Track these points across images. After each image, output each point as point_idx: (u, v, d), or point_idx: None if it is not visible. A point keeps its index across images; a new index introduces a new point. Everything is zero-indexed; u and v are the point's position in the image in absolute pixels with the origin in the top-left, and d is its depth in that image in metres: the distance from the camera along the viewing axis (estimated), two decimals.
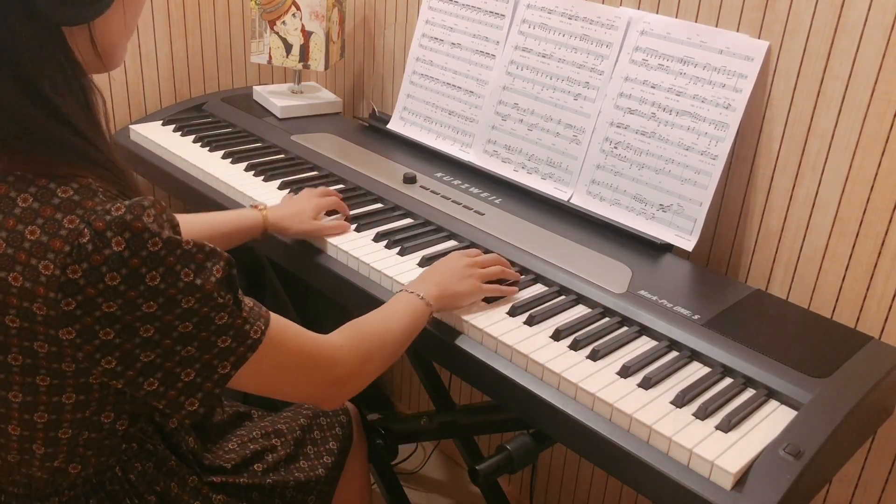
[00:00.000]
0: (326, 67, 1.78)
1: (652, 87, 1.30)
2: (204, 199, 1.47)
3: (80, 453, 0.84)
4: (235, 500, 1.03)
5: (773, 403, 0.95)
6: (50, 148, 0.73)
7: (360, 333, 0.94)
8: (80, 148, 0.74)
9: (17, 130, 0.72)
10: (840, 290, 1.20)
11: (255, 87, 1.88)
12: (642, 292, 1.12)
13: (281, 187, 1.43)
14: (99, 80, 1.82)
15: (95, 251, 0.68)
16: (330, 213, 1.32)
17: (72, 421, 0.79)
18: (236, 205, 1.41)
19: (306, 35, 1.76)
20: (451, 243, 1.28)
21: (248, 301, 0.80)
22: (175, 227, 0.74)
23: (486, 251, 1.23)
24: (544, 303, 1.12)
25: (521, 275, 1.19)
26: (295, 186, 1.43)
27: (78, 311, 0.70)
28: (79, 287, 0.69)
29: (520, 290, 1.14)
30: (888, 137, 1.11)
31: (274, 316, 0.83)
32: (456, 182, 1.47)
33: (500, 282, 1.14)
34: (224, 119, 1.76)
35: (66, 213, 0.70)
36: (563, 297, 1.14)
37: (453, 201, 1.38)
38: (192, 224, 1.18)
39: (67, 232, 0.69)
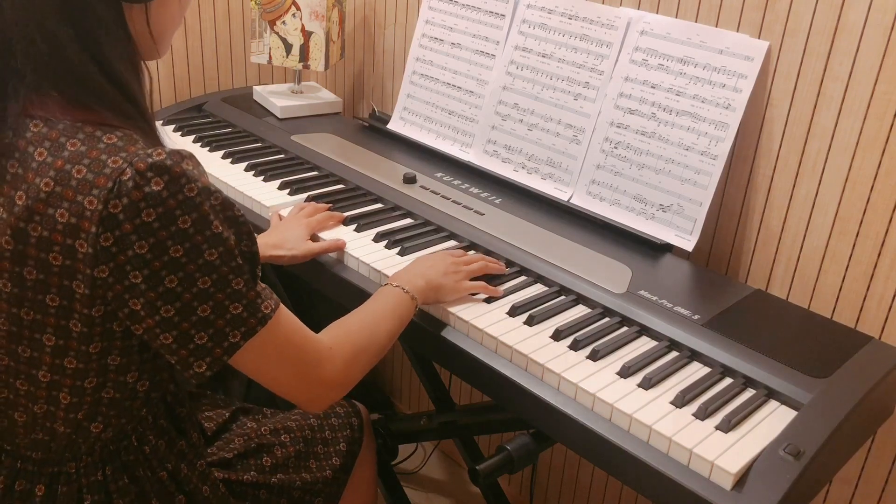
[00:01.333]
0: (326, 67, 1.78)
1: (652, 87, 1.30)
2: None
3: (102, 411, 0.86)
4: (240, 497, 1.03)
5: (773, 403, 0.95)
6: (102, 105, 0.78)
7: (345, 335, 0.94)
8: (127, 110, 0.80)
9: (77, 87, 0.78)
10: (840, 290, 1.20)
11: (255, 87, 1.88)
12: (642, 292, 1.12)
13: (281, 187, 1.43)
14: None
15: (136, 188, 0.73)
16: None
17: (98, 370, 0.82)
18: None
19: (306, 35, 1.76)
20: (451, 243, 1.28)
21: (261, 283, 0.84)
22: (207, 180, 0.78)
23: (487, 251, 1.23)
24: (544, 303, 1.12)
25: (521, 274, 1.19)
26: (295, 186, 1.43)
27: (113, 248, 0.74)
28: (117, 221, 0.73)
29: (520, 289, 1.15)
30: (888, 137, 1.11)
31: (282, 304, 0.86)
32: (456, 182, 1.47)
33: (487, 280, 1.14)
34: (224, 119, 1.76)
35: (111, 155, 0.75)
36: (563, 297, 1.14)
37: (453, 201, 1.38)
38: None
39: (111, 170, 0.74)
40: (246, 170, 1.51)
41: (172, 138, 1.66)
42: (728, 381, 0.98)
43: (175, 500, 0.95)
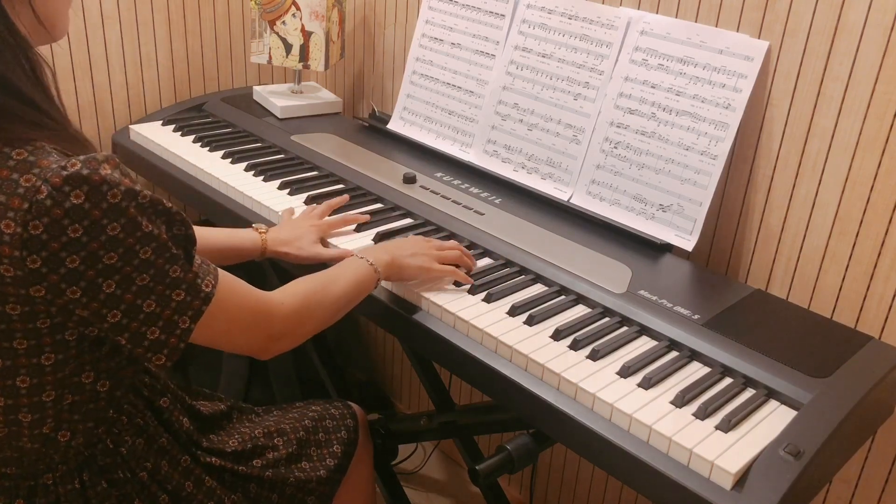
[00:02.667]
0: (326, 67, 1.78)
1: (652, 87, 1.30)
2: (204, 199, 1.47)
3: (66, 418, 0.85)
4: (230, 488, 1.03)
5: (773, 403, 0.95)
6: (2, 118, 0.74)
7: (301, 292, 0.97)
8: (32, 117, 0.76)
9: None
10: (840, 290, 1.20)
11: (255, 87, 1.88)
12: (642, 292, 1.12)
13: (281, 187, 1.43)
14: (99, 79, 1.82)
15: (55, 206, 0.70)
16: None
17: (54, 382, 0.82)
18: (236, 205, 1.41)
19: (306, 35, 1.76)
20: (451, 243, 1.27)
21: (197, 258, 0.84)
22: (131, 179, 0.77)
23: (487, 251, 1.23)
24: (544, 303, 1.12)
25: (521, 274, 1.19)
26: (295, 186, 1.43)
27: (44, 269, 0.72)
28: (42, 242, 0.71)
29: (520, 289, 1.14)
30: (888, 137, 1.11)
31: (222, 272, 0.87)
32: (456, 182, 1.47)
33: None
34: (224, 119, 1.76)
35: (23, 173, 0.72)
36: (563, 297, 1.14)
37: (453, 201, 1.38)
38: None
39: (24, 190, 0.71)
40: (246, 170, 1.51)
41: (172, 138, 1.66)
42: (728, 380, 0.98)
43: (158, 500, 0.94)
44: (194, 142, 1.64)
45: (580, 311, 1.11)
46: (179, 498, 0.96)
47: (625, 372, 0.97)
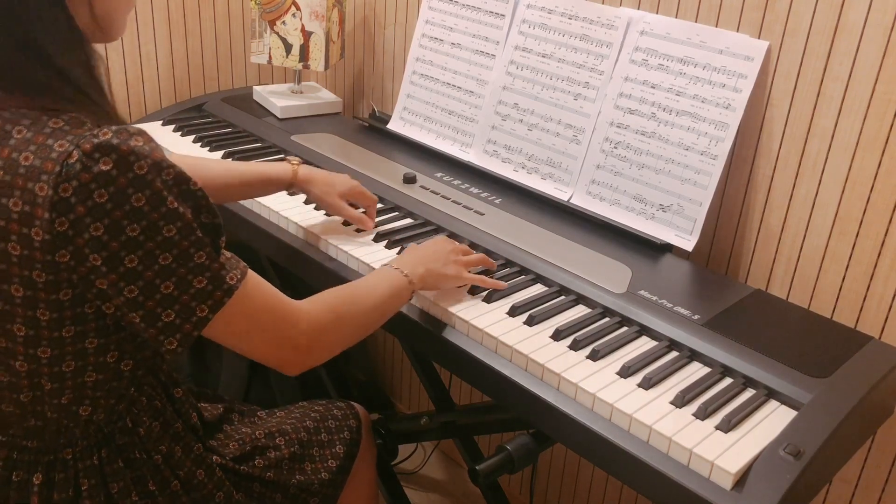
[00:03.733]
0: (326, 67, 1.78)
1: (652, 87, 1.30)
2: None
3: (88, 395, 0.86)
4: (235, 486, 1.03)
5: (773, 403, 0.95)
6: (42, 93, 0.78)
7: (330, 302, 0.94)
8: (72, 95, 0.79)
9: (23, 84, 0.78)
10: (840, 290, 1.20)
11: (255, 87, 1.88)
12: (642, 292, 1.12)
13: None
14: None
15: (84, 170, 0.73)
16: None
17: (74, 353, 0.82)
18: (236, 205, 1.41)
19: (306, 35, 1.76)
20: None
21: (226, 252, 0.84)
22: (161, 154, 0.77)
23: (487, 251, 1.23)
24: (544, 303, 1.12)
25: (521, 274, 1.19)
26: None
27: (70, 232, 0.74)
28: (70, 205, 0.73)
29: (520, 289, 1.14)
30: (888, 137, 1.11)
31: (251, 271, 0.86)
32: (456, 182, 1.47)
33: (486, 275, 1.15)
34: (224, 119, 1.76)
35: (57, 139, 0.74)
36: (563, 297, 1.14)
37: (453, 201, 1.38)
38: (220, 170, 1.22)
39: (58, 154, 0.73)
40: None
41: (173, 138, 1.66)
42: (728, 380, 0.98)
43: (170, 484, 0.95)
44: (194, 142, 1.64)
45: (580, 311, 1.11)
46: (191, 485, 0.97)
47: (625, 372, 0.97)
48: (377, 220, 1.32)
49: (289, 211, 1.34)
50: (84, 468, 0.89)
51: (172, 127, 1.72)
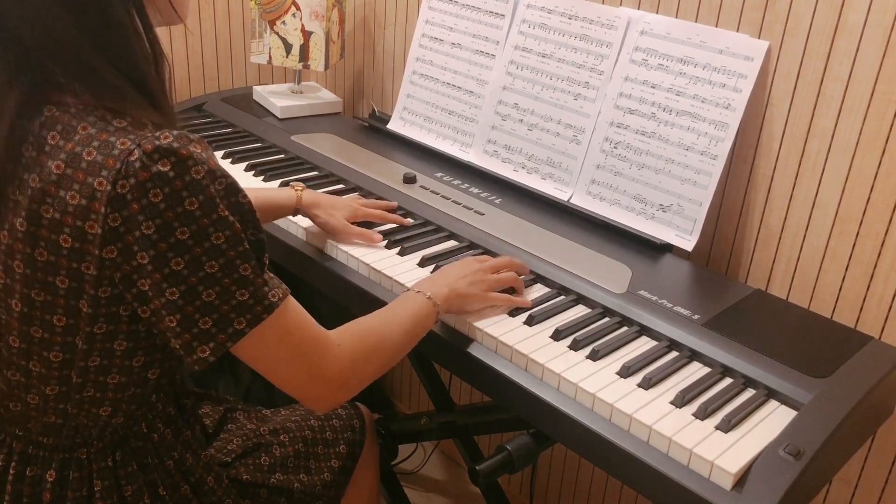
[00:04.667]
0: (326, 67, 1.78)
1: (652, 87, 1.30)
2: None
3: (109, 397, 0.87)
4: (241, 494, 1.03)
5: (773, 403, 0.95)
6: (113, 95, 0.79)
7: (355, 333, 0.93)
8: (141, 101, 0.80)
9: (87, 80, 0.79)
10: (840, 290, 1.20)
11: (255, 87, 1.88)
12: (642, 292, 1.12)
13: (281, 186, 1.43)
14: None
15: (143, 168, 0.74)
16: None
17: (100, 351, 0.83)
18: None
19: (306, 35, 1.76)
20: (452, 243, 1.27)
21: (269, 272, 0.84)
22: (216, 163, 0.79)
23: (487, 251, 1.23)
24: (544, 303, 1.12)
25: (521, 275, 1.19)
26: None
27: (121, 228, 0.75)
28: (125, 202, 0.74)
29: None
30: (888, 137, 1.11)
31: (291, 296, 0.85)
32: (456, 182, 1.47)
33: (511, 291, 1.12)
34: (224, 119, 1.76)
35: (120, 137, 0.76)
36: (563, 297, 1.14)
37: (453, 201, 1.38)
38: None
39: (119, 151, 0.75)
40: (246, 170, 1.51)
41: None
42: (728, 381, 0.98)
43: (180, 490, 0.95)
44: None
45: (580, 311, 1.11)
46: (201, 491, 0.97)
47: (625, 372, 0.97)
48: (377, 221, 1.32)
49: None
50: (98, 469, 0.90)
51: None
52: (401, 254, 1.22)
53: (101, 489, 0.89)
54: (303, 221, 1.30)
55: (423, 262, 1.20)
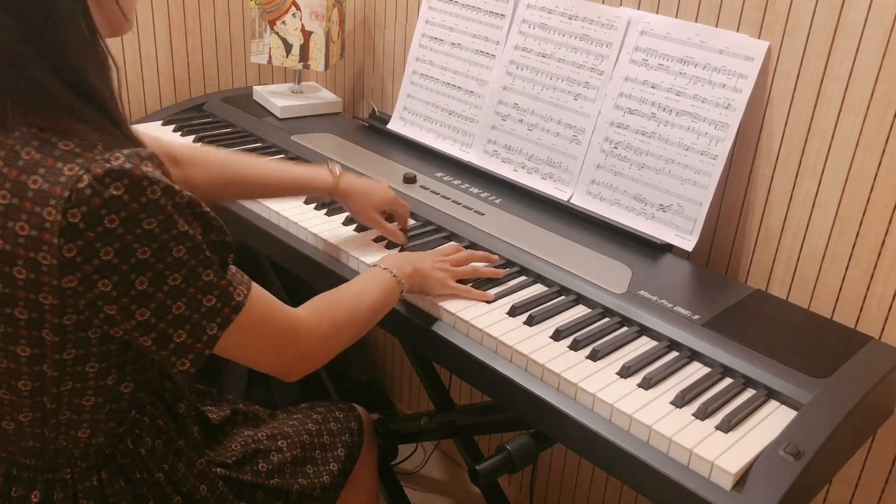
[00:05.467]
0: (326, 67, 1.78)
1: (652, 87, 1.30)
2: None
3: (87, 419, 0.86)
4: (238, 496, 1.03)
5: (773, 403, 0.95)
6: (59, 109, 0.76)
7: (326, 309, 0.95)
8: (88, 114, 0.77)
9: (34, 95, 0.75)
10: (840, 290, 1.20)
11: (255, 87, 1.88)
12: (642, 292, 1.12)
13: (346, 222, 1.41)
14: None
15: (94, 195, 0.71)
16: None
17: (72, 375, 0.82)
18: (237, 205, 1.41)
19: (306, 35, 1.76)
20: (452, 244, 1.27)
21: (232, 267, 0.84)
22: (171, 179, 0.77)
23: (487, 251, 1.23)
24: (544, 303, 1.12)
25: (521, 274, 1.19)
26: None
27: (78, 258, 0.72)
28: (78, 231, 0.71)
29: (520, 289, 1.14)
30: (888, 137, 1.11)
31: (255, 284, 0.86)
32: (456, 182, 1.47)
33: (482, 283, 1.14)
34: (224, 119, 1.76)
35: (67, 162, 0.73)
36: (563, 297, 1.14)
37: (453, 201, 1.38)
38: (259, 168, 1.23)
39: (67, 178, 0.72)
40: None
41: (173, 138, 1.66)
42: (728, 381, 0.98)
43: (172, 501, 0.95)
44: (194, 142, 1.64)
45: (580, 311, 1.11)
46: (193, 501, 0.97)
47: (625, 372, 0.97)
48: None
49: (289, 212, 1.34)
50: (83, 489, 0.89)
51: (172, 127, 1.72)
52: None
53: None
54: (313, 228, 1.29)
55: None
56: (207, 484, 0.98)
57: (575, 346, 1.02)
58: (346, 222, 1.31)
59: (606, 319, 1.09)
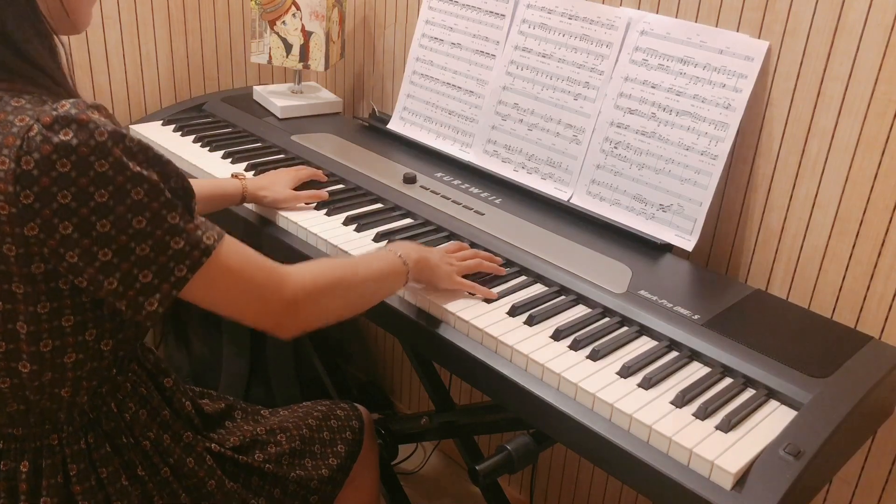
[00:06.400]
0: (326, 67, 1.78)
1: (652, 87, 1.31)
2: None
3: (69, 377, 0.86)
4: (231, 477, 1.03)
5: (773, 403, 0.95)
6: (10, 75, 0.81)
7: (321, 268, 0.95)
8: (40, 79, 0.82)
9: None
10: (840, 290, 1.20)
11: (255, 87, 1.88)
12: (642, 292, 1.12)
13: (346, 223, 1.42)
14: (99, 80, 1.82)
15: (45, 141, 0.74)
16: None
17: (50, 331, 0.82)
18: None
19: (306, 35, 1.76)
20: (452, 244, 1.27)
21: (199, 217, 0.85)
22: (120, 126, 0.79)
23: (487, 251, 1.23)
24: (544, 303, 1.12)
25: (521, 274, 1.19)
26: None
27: (37, 204, 0.75)
28: (33, 178, 0.74)
29: (520, 289, 1.14)
30: (888, 137, 1.11)
31: (228, 235, 0.86)
32: (456, 182, 1.47)
33: (484, 281, 1.15)
34: (224, 119, 1.76)
35: (17, 115, 0.76)
36: (563, 297, 1.14)
37: (453, 201, 1.38)
38: None
39: (18, 129, 0.75)
40: (246, 170, 1.51)
41: (172, 138, 1.66)
42: (728, 380, 0.98)
43: (160, 472, 0.95)
44: (194, 142, 1.64)
45: (580, 311, 1.11)
46: (181, 473, 0.97)
47: (625, 372, 0.97)
48: (380, 220, 1.32)
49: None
50: (72, 453, 0.90)
51: (172, 127, 1.72)
52: None
53: (76, 473, 0.89)
54: (313, 228, 1.30)
55: None
56: (195, 457, 0.98)
57: (575, 346, 1.02)
58: (347, 222, 1.31)
59: (606, 319, 1.09)
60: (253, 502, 1.05)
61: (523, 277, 1.18)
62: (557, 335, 1.03)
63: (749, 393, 0.96)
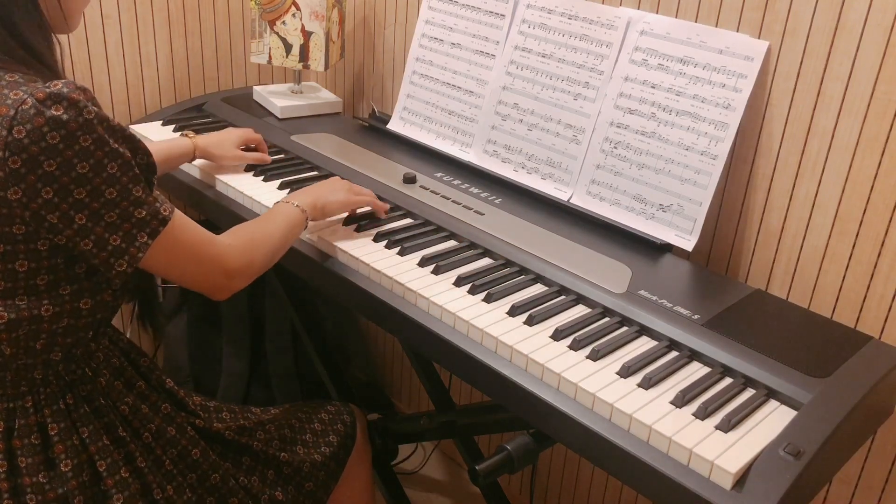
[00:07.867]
0: (326, 67, 1.78)
1: (652, 87, 1.31)
2: (204, 199, 1.47)
3: (45, 329, 0.91)
4: (222, 456, 1.05)
5: (773, 403, 0.95)
6: (8, 57, 0.88)
7: (244, 234, 1.07)
8: (35, 65, 0.90)
9: None
10: (840, 290, 1.20)
11: (255, 87, 1.88)
12: (642, 292, 1.12)
13: (281, 187, 1.43)
14: (99, 80, 1.82)
15: (38, 114, 0.81)
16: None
17: (26, 289, 0.89)
18: (237, 205, 1.41)
19: (306, 35, 1.76)
20: (452, 243, 1.28)
21: (156, 191, 0.94)
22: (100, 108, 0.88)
23: (487, 251, 1.23)
24: (544, 303, 1.12)
25: (521, 274, 1.19)
26: (295, 186, 1.42)
27: (23, 170, 0.82)
28: (23, 146, 0.81)
29: (520, 289, 1.14)
30: (888, 137, 1.11)
31: (177, 209, 0.96)
32: (456, 182, 1.47)
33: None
34: (224, 119, 1.76)
35: (12, 89, 0.83)
36: (563, 297, 1.14)
37: (453, 201, 1.38)
38: None
39: (12, 101, 0.82)
40: (246, 170, 1.51)
41: (172, 138, 1.66)
42: (728, 380, 0.98)
43: (141, 436, 0.99)
44: None
45: (580, 311, 1.11)
46: (164, 439, 1.01)
47: (625, 372, 0.97)
48: (380, 220, 1.32)
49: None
50: (51, 413, 0.93)
51: (172, 127, 1.72)
52: (401, 254, 1.22)
53: (57, 431, 0.92)
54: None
55: (422, 262, 1.20)
56: (175, 427, 1.02)
57: (575, 346, 1.02)
58: (347, 222, 1.31)
59: (606, 319, 1.09)
60: (244, 480, 1.06)
61: (523, 277, 1.18)
62: (557, 335, 1.03)
63: (749, 393, 0.96)
